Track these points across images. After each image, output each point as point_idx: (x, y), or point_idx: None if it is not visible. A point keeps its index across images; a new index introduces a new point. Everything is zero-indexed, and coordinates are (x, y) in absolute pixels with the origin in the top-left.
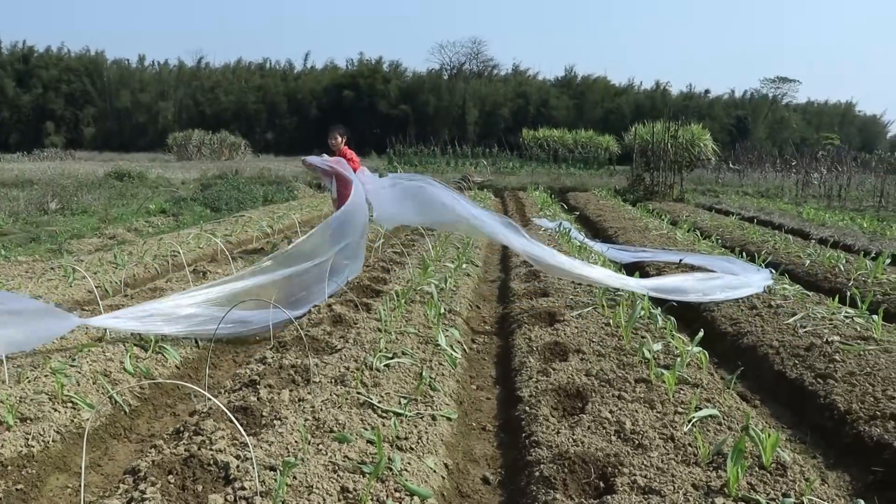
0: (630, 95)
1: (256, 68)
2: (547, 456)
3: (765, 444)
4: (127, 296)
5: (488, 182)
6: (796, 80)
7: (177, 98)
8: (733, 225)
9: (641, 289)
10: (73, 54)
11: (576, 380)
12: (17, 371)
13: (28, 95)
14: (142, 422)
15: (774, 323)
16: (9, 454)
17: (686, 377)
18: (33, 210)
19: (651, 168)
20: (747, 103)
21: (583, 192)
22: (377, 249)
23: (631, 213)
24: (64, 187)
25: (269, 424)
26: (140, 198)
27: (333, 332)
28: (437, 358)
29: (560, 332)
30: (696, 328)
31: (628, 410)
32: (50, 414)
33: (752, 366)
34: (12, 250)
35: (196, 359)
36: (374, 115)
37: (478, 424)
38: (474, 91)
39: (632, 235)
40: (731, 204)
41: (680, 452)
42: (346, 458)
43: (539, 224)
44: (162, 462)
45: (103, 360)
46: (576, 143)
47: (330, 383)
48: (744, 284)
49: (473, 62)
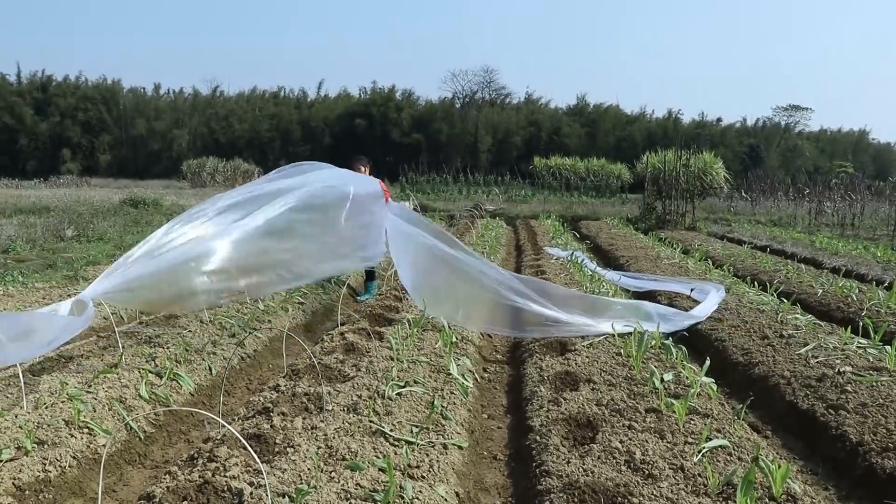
0: (642, 123)
1: (270, 96)
2: (557, 485)
3: (775, 475)
4: (142, 322)
5: (500, 210)
6: (809, 108)
7: (191, 126)
8: (745, 254)
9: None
10: (90, 83)
11: (586, 409)
12: (35, 397)
13: (46, 123)
14: (156, 448)
15: (786, 353)
16: (27, 479)
17: (696, 407)
18: (50, 237)
19: (663, 196)
20: (759, 131)
21: (595, 220)
22: (389, 278)
23: (643, 242)
24: (80, 214)
25: (283, 452)
26: (155, 225)
27: (346, 361)
28: (448, 387)
29: (571, 361)
30: (705, 357)
31: (638, 440)
32: (67, 439)
33: (764, 396)
34: (30, 277)
35: (210, 386)
36: (387, 144)
37: (489, 453)
38: (486, 119)
39: (643, 264)
40: (744, 233)
41: (690, 483)
42: (359, 485)
43: (552, 253)
44: (177, 488)
45: (118, 387)
46: (588, 172)
47: (342, 411)
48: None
49: (486, 90)
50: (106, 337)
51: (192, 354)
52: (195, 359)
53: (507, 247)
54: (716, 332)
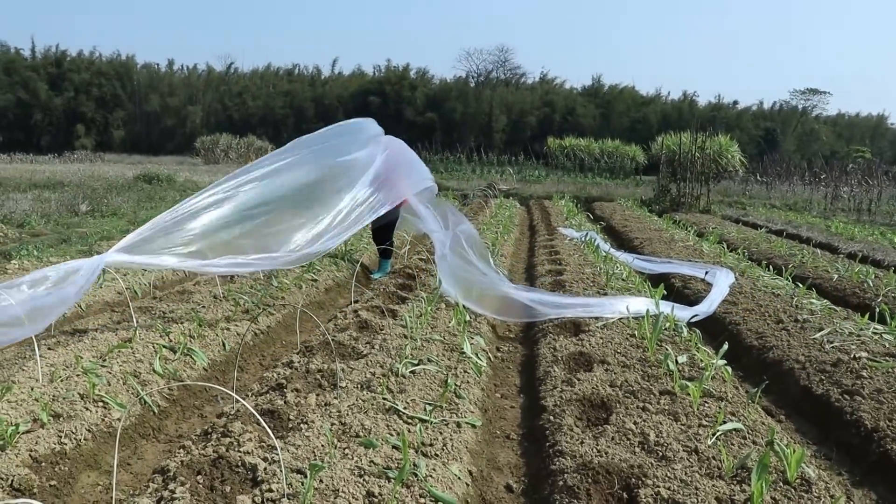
0: (657, 105)
1: (285, 73)
2: (571, 465)
3: (789, 459)
4: (156, 298)
5: (514, 190)
6: (827, 92)
7: (205, 102)
8: (760, 238)
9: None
10: (105, 58)
11: (600, 390)
12: (50, 370)
13: (60, 98)
14: (170, 422)
15: (801, 337)
16: (43, 451)
17: (711, 390)
18: (64, 211)
19: (677, 179)
20: (776, 115)
21: (608, 201)
22: (403, 256)
23: (657, 224)
24: (94, 189)
25: (296, 428)
26: (168, 201)
27: (359, 338)
28: (462, 365)
29: (585, 342)
30: (721, 341)
31: (652, 422)
32: (82, 412)
33: (778, 380)
34: (44, 251)
35: (223, 361)
36: (401, 122)
37: (502, 432)
38: (501, 99)
39: (657, 246)
40: (759, 216)
41: (704, 465)
42: (372, 462)
43: (566, 233)
44: (191, 462)
45: (133, 361)
46: (602, 153)
47: (356, 388)
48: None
49: (500, 70)
50: (120, 311)
51: (206, 330)
52: (209, 334)
53: (520, 227)
54: (730, 316)
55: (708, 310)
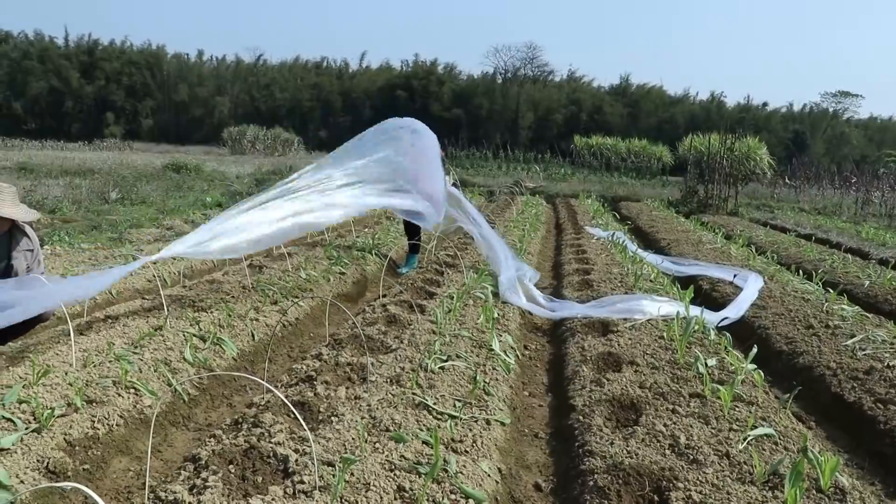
0: (685, 105)
1: (313, 66)
2: (601, 466)
3: (823, 467)
4: (185, 286)
5: (540, 188)
6: (859, 95)
7: (233, 93)
8: (789, 241)
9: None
10: (135, 47)
11: (629, 391)
12: (83, 356)
13: (91, 87)
14: (199, 411)
15: (832, 344)
16: (77, 435)
17: (741, 394)
18: (95, 199)
19: (705, 180)
20: (806, 117)
21: (635, 201)
22: (430, 251)
23: (684, 226)
24: (124, 178)
25: (326, 420)
26: (196, 190)
27: (388, 332)
28: (490, 362)
29: (613, 342)
30: (749, 345)
31: (683, 425)
32: (114, 398)
33: (808, 386)
34: (76, 237)
35: (252, 352)
36: (427, 117)
37: (530, 431)
38: (528, 96)
39: (685, 248)
40: (787, 220)
41: (735, 470)
42: (403, 457)
43: (592, 233)
44: (222, 452)
45: (164, 349)
46: (628, 152)
47: (385, 383)
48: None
49: (528, 67)
50: (151, 299)
51: (235, 320)
52: (238, 324)
53: (546, 225)
54: (759, 320)
55: (737, 314)
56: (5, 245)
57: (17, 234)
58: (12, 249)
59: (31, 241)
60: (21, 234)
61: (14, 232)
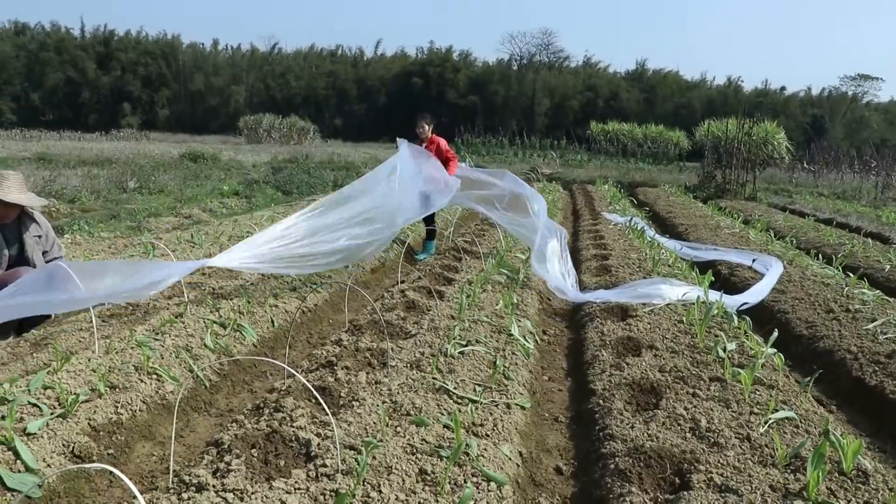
0: (701, 90)
1: (328, 54)
2: (621, 449)
3: (846, 449)
4: (205, 274)
5: (557, 175)
6: (879, 78)
7: (248, 82)
8: (808, 226)
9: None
10: (151, 38)
11: (649, 375)
12: (106, 342)
13: (107, 77)
14: (220, 396)
15: (852, 328)
16: (101, 420)
17: (761, 378)
18: (113, 188)
19: (722, 165)
20: (825, 101)
21: (652, 187)
22: (448, 237)
23: (701, 211)
24: (141, 167)
25: (347, 405)
26: (213, 179)
27: (407, 318)
28: (510, 347)
29: (632, 327)
30: (769, 329)
31: (703, 408)
32: (136, 384)
33: (828, 370)
34: (95, 226)
35: (272, 338)
36: (443, 104)
37: (550, 415)
38: (543, 82)
39: (703, 233)
40: (806, 205)
41: (756, 453)
42: (424, 441)
43: (610, 218)
44: (245, 436)
45: (185, 336)
46: (645, 138)
47: (406, 368)
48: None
49: (543, 53)
50: (171, 287)
51: (255, 307)
52: (257, 311)
53: (563, 211)
54: (778, 304)
55: (757, 299)
56: (16, 231)
57: (27, 221)
58: (22, 234)
59: (40, 226)
60: (30, 221)
61: (23, 218)
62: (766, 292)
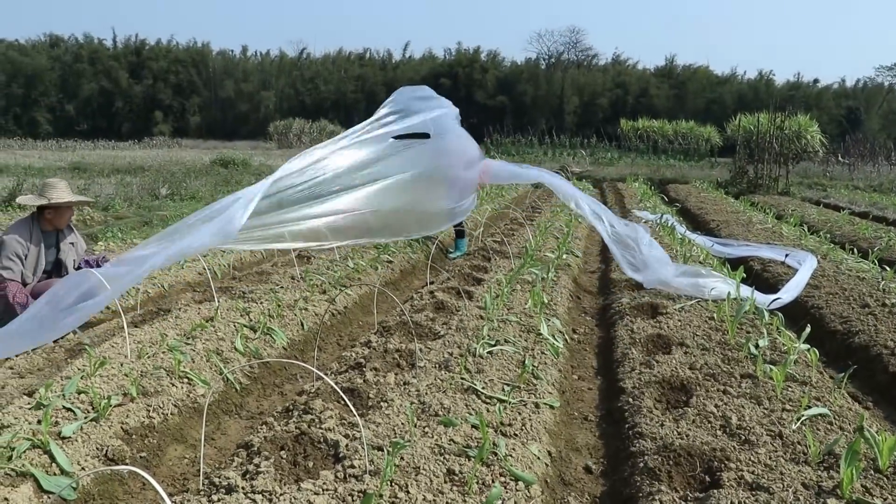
0: (732, 85)
1: (356, 58)
2: (651, 447)
3: (881, 446)
4: (235, 278)
5: (587, 173)
6: None
7: (278, 87)
8: (843, 220)
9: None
10: (181, 46)
11: (679, 373)
12: (137, 347)
13: (139, 86)
14: (251, 399)
15: (889, 322)
16: (133, 423)
17: (794, 374)
18: (145, 195)
19: (755, 160)
20: (860, 93)
21: (683, 184)
22: (477, 238)
23: (733, 207)
24: (173, 174)
25: (376, 406)
26: (244, 184)
27: (436, 319)
28: (539, 347)
29: (663, 324)
30: (803, 325)
31: (734, 405)
32: (168, 388)
33: (864, 366)
34: (128, 233)
35: (301, 341)
36: (472, 105)
37: (579, 414)
38: (572, 81)
39: (735, 229)
40: (840, 198)
41: (788, 450)
42: (452, 441)
43: (640, 216)
44: (274, 438)
45: (215, 340)
46: (675, 134)
47: (434, 368)
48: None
49: (572, 51)
50: (201, 291)
51: (284, 310)
52: (287, 314)
53: None
54: (812, 300)
55: (790, 297)
56: (54, 238)
57: (65, 230)
58: (60, 241)
59: (75, 235)
60: (68, 230)
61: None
62: (800, 288)
